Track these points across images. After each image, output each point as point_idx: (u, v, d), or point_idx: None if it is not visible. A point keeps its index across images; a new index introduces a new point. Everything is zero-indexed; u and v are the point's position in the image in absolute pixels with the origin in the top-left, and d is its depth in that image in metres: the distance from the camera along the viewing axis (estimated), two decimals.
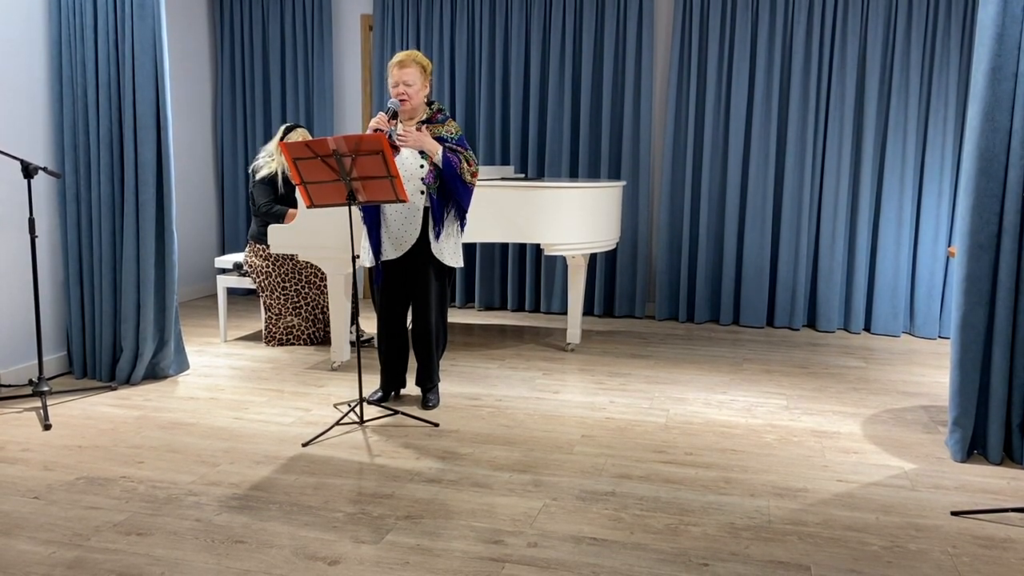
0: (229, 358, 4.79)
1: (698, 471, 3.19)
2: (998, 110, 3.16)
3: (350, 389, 4.21)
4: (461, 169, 3.68)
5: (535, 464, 3.24)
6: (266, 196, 4.94)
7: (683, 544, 2.59)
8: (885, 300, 5.65)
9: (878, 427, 3.73)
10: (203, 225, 6.74)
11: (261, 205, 4.93)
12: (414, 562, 2.46)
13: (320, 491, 2.96)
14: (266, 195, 4.94)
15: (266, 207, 4.91)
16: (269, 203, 4.92)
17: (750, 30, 5.63)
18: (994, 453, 3.29)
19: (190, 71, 6.49)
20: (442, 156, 3.63)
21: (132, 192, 4.15)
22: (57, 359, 4.39)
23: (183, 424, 3.66)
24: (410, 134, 3.60)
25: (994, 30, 3.12)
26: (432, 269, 3.77)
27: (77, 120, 4.17)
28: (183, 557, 2.47)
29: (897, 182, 5.55)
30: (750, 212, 5.75)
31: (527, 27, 6.00)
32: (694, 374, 4.58)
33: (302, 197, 3.62)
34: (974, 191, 3.21)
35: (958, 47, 5.35)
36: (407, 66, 3.63)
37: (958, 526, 2.74)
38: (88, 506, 2.81)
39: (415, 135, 3.61)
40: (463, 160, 3.69)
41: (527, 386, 4.30)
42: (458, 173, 3.66)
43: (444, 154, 3.63)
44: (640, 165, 5.90)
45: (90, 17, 4.08)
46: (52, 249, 4.35)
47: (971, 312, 3.26)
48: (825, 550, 2.56)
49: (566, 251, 4.76)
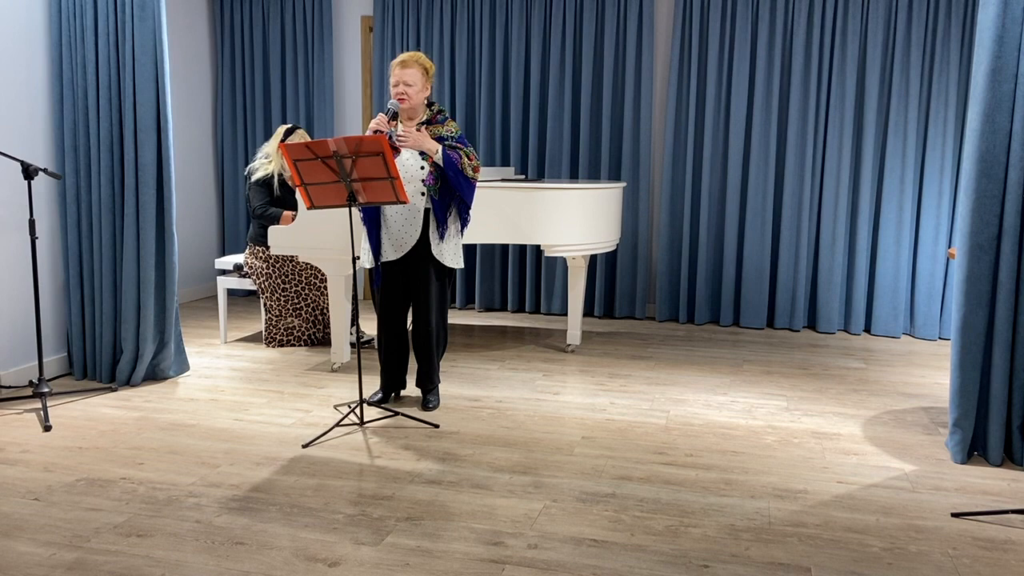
0: (229, 359, 4.79)
1: (698, 472, 3.18)
2: (998, 111, 3.16)
3: (350, 390, 4.21)
4: (463, 164, 3.68)
5: (535, 465, 3.24)
6: (261, 199, 4.93)
7: (683, 546, 2.59)
8: (885, 301, 5.65)
9: (878, 428, 3.73)
10: (203, 226, 6.74)
11: (256, 207, 4.92)
12: (414, 564, 2.46)
13: (320, 492, 2.96)
14: (261, 197, 4.93)
15: (261, 209, 4.91)
16: (264, 205, 4.92)
17: (750, 31, 5.63)
18: (994, 455, 3.29)
19: (190, 72, 6.50)
20: (443, 154, 3.63)
21: (132, 193, 4.15)
22: (57, 360, 4.39)
23: (183, 425, 3.66)
24: (410, 134, 3.60)
25: (994, 31, 3.12)
26: (432, 270, 3.77)
27: (77, 121, 4.17)
28: (183, 559, 2.47)
29: (897, 183, 5.55)
30: (750, 213, 5.75)
31: (527, 28, 6.00)
32: (694, 375, 4.58)
33: (302, 198, 3.62)
34: (974, 192, 3.21)
35: (958, 48, 5.35)
36: (409, 66, 3.63)
37: (958, 528, 2.74)
38: (88, 507, 2.81)
39: (415, 135, 3.61)
40: (463, 156, 3.69)
41: (527, 387, 4.30)
42: (460, 168, 3.66)
43: (444, 151, 3.64)
44: (640, 166, 5.90)
45: (91, 18, 4.08)
46: (52, 250, 4.35)
47: (971, 313, 3.25)
48: (825, 551, 2.56)
49: (566, 252, 4.76)
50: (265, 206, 4.91)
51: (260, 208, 4.91)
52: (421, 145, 3.62)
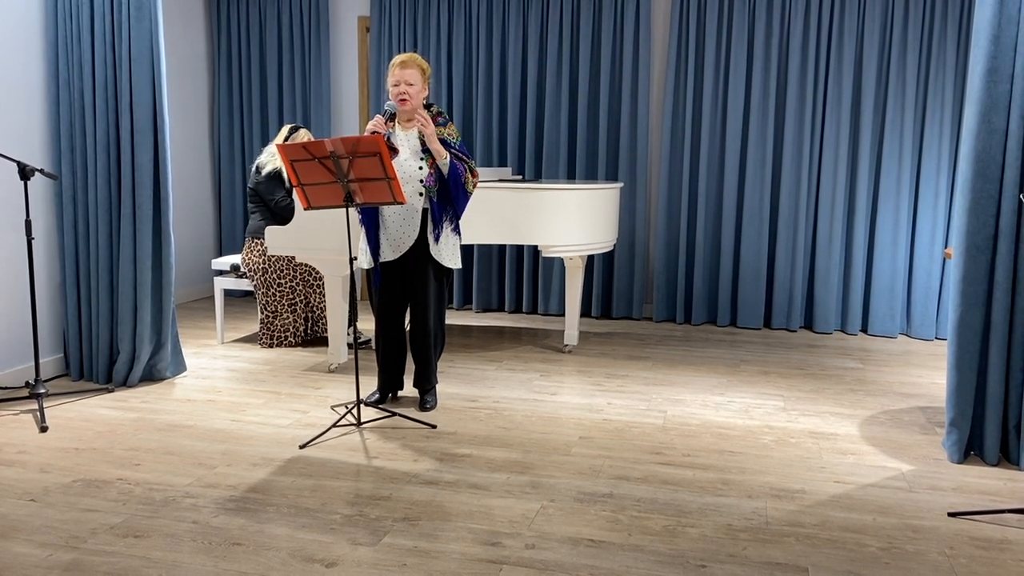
0: (226, 360, 4.79)
1: (696, 472, 3.19)
2: (994, 112, 3.17)
3: (347, 391, 4.21)
4: (466, 179, 3.73)
5: (533, 466, 3.24)
6: (279, 191, 4.96)
7: (681, 546, 2.59)
8: (882, 301, 5.66)
9: (875, 428, 3.74)
10: (200, 227, 6.73)
11: (279, 200, 4.94)
12: (412, 564, 2.45)
13: (317, 493, 2.95)
14: (279, 190, 4.96)
15: (284, 201, 4.93)
16: (285, 197, 4.94)
17: (747, 31, 5.64)
18: (991, 454, 3.30)
19: (187, 73, 6.49)
20: (450, 163, 3.64)
21: (129, 194, 4.14)
22: (54, 361, 4.38)
23: (180, 426, 3.65)
24: (430, 124, 3.58)
25: (990, 32, 3.13)
26: (430, 270, 3.78)
27: (74, 122, 4.16)
28: (180, 559, 2.47)
29: (894, 183, 5.56)
30: (747, 213, 5.76)
31: (524, 29, 6.00)
32: (692, 375, 4.58)
33: (299, 199, 3.62)
34: (970, 192, 3.22)
35: (954, 49, 5.36)
36: (409, 66, 3.63)
37: (955, 527, 2.74)
38: (85, 508, 2.81)
39: (432, 128, 3.59)
40: (468, 170, 3.73)
41: (525, 388, 4.30)
42: (462, 182, 3.71)
43: (452, 161, 3.65)
44: (637, 166, 5.91)
45: (87, 19, 4.08)
46: (49, 251, 4.34)
47: (968, 313, 3.26)
48: (822, 551, 2.56)
49: (564, 252, 4.76)
50: (286, 198, 4.94)
51: (283, 200, 4.93)
52: (433, 141, 3.60)
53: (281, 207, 4.94)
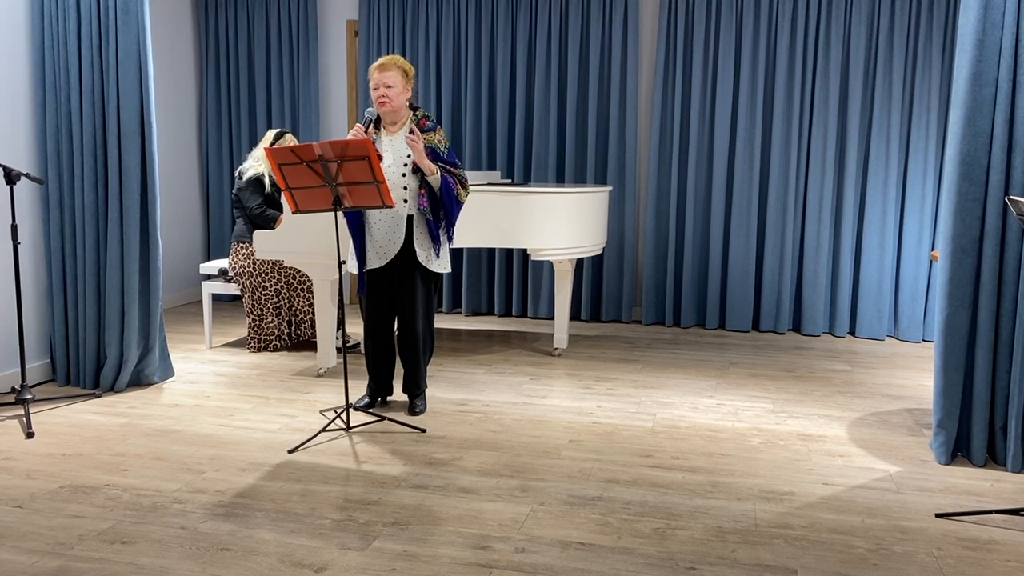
0: (214, 364, 4.76)
1: (685, 475, 3.19)
2: (979, 115, 3.19)
3: (336, 395, 4.20)
4: (458, 191, 3.73)
5: (522, 469, 3.23)
6: (257, 198, 4.95)
7: (670, 548, 2.59)
8: (870, 304, 5.69)
9: (863, 430, 3.75)
10: (188, 231, 6.70)
11: (254, 207, 4.93)
12: (401, 568, 2.45)
13: (306, 498, 2.94)
14: (256, 197, 4.95)
15: (259, 209, 4.92)
16: (261, 205, 4.93)
17: (734, 35, 5.67)
18: (978, 455, 3.32)
19: (175, 77, 6.47)
20: (441, 178, 3.63)
21: (116, 198, 4.12)
22: (40, 366, 4.35)
23: (168, 431, 3.63)
24: (419, 142, 3.56)
25: (975, 36, 3.15)
26: (418, 275, 3.77)
27: (60, 126, 4.14)
28: (168, 565, 2.46)
29: (881, 186, 5.59)
30: (735, 216, 5.78)
31: (513, 32, 6.01)
32: (681, 378, 4.59)
33: (287, 203, 3.61)
34: (956, 195, 3.24)
35: (940, 53, 5.40)
36: (388, 69, 3.62)
37: (943, 528, 2.76)
38: (72, 514, 2.79)
39: (421, 148, 3.57)
40: (458, 182, 3.73)
41: (514, 391, 4.29)
42: (455, 195, 3.71)
43: (444, 177, 3.64)
44: (626, 170, 5.92)
45: (73, 23, 4.06)
46: (35, 255, 4.31)
47: (954, 315, 3.28)
48: (811, 553, 2.57)
49: (553, 256, 4.76)
50: (262, 206, 4.93)
51: (258, 208, 4.92)
52: (423, 160, 3.59)
53: (255, 215, 4.92)
